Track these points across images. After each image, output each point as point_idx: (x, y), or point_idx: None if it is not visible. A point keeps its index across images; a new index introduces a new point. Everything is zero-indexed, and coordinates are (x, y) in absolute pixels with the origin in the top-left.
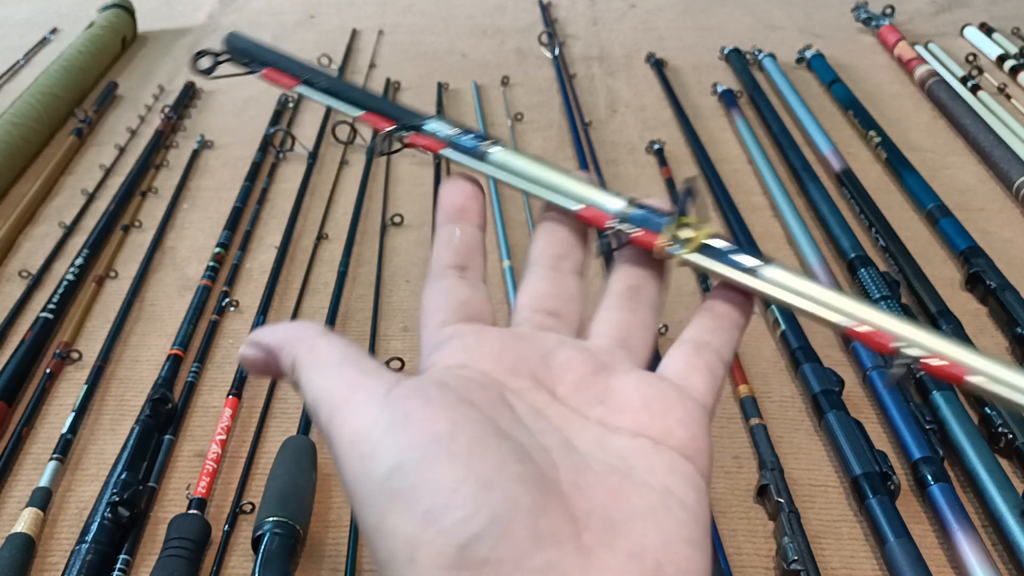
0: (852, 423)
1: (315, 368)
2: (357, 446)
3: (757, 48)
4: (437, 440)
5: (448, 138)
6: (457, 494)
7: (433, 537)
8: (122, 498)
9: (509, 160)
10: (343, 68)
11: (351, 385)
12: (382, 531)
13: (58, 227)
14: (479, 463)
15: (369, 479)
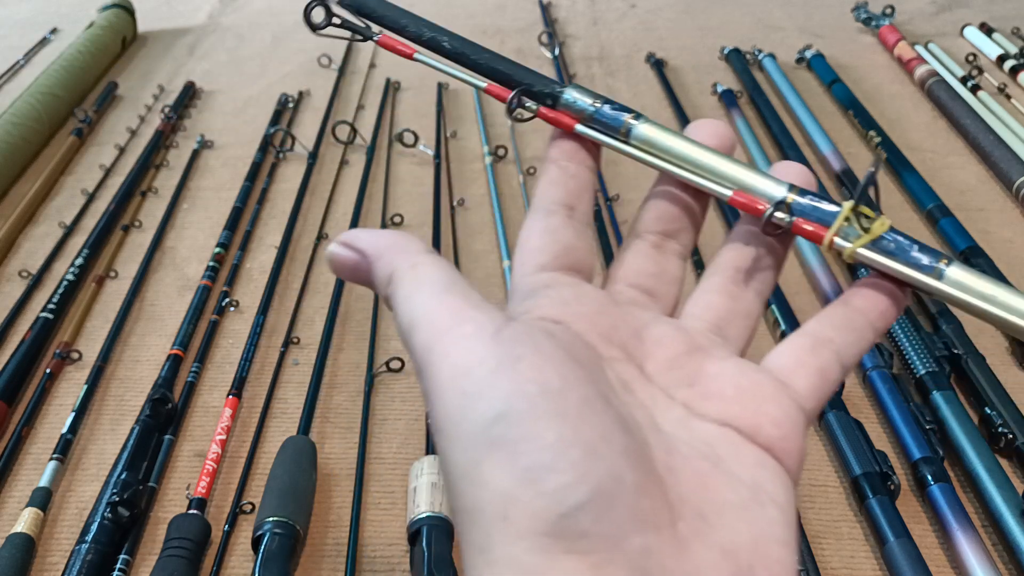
0: (852, 423)
1: (417, 287)
2: (459, 382)
3: (757, 48)
4: (547, 394)
5: (586, 110)
6: (562, 457)
7: (532, 498)
8: (122, 498)
9: (655, 136)
10: (343, 68)
11: (457, 315)
12: (474, 479)
13: (58, 227)
14: (587, 427)
15: (468, 421)
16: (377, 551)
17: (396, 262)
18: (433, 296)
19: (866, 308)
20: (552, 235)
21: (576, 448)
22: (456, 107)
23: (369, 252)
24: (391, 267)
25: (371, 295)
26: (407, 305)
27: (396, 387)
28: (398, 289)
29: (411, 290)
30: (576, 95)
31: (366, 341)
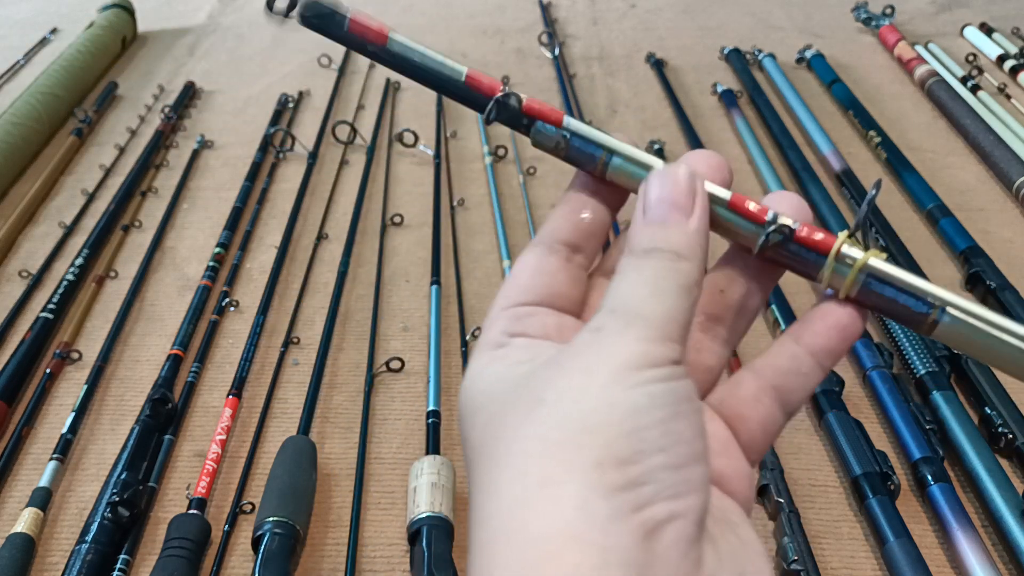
0: (852, 423)
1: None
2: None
3: (757, 48)
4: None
5: (561, 140)
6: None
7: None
8: (122, 498)
9: (631, 168)
10: (343, 68)
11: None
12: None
13: (58, 227)
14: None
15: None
16: (377, 551)
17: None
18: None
19: (816, 347)
20: (544, 278)
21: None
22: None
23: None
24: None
25: (371, 295)
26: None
27: (396, 387)
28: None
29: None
30: (549, 126)
31: (366, 341)
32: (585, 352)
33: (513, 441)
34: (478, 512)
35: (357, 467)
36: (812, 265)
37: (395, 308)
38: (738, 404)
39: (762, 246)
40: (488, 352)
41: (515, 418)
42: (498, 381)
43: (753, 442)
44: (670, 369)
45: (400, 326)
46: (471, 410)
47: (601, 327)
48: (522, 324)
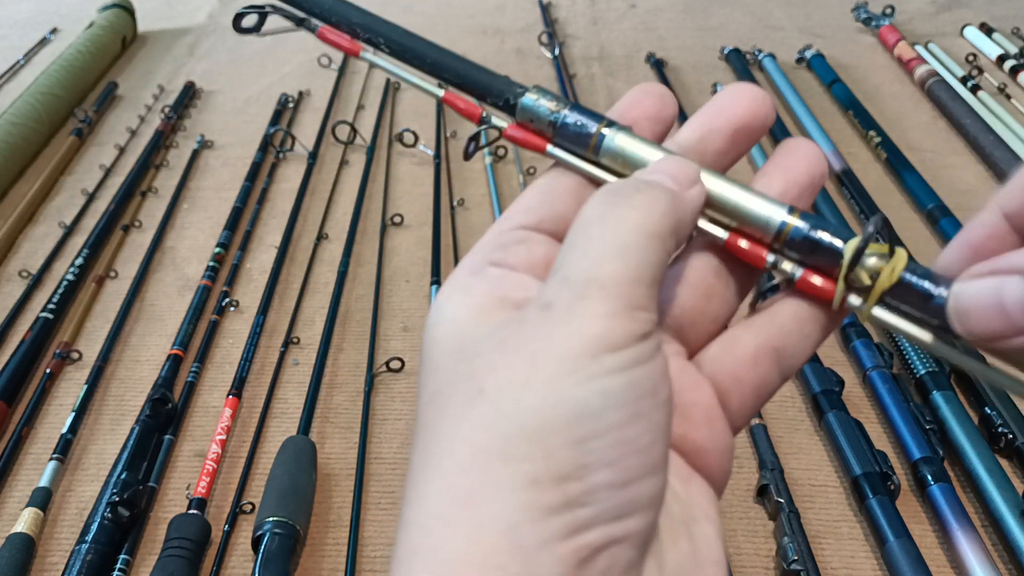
0: (852, 423)
1: None
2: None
3: (757, 48)
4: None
5: (546, 118)
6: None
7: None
8: (122, 498)
9: (632, 150)
10: (343, 68)
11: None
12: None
13: (58, 227)
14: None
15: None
16: (377, 551)
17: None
18: None
19: (822, 307)
20: (552, 198)
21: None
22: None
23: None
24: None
25: (371, 295)
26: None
27: (396, 387)
28: None
29: None
30: (537, 99)
31: (366, 341)
32: (531, 335)
33: (446, 439)
34: (403, 512)
35: (357, 467)
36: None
37: (395, 308)
38: (734, 364)
39: (757, 297)
40: (461, 278)
41: (453, 408)
42: (451, 335)
43: (744, 407)
44: (634, 350)
45: (400, 326)
46: (427, 363)
47: (550, 303)
48: (508, 251)
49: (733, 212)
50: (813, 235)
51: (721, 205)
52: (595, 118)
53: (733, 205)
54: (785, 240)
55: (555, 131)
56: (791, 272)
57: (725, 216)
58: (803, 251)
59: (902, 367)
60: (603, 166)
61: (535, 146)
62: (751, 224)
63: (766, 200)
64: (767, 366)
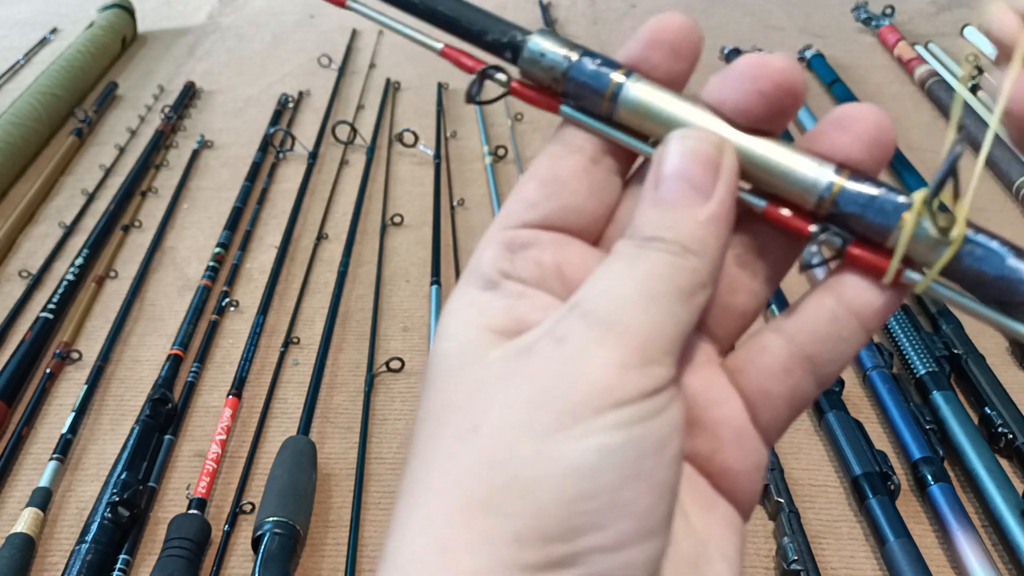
0: (852, 423)
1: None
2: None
3: (757, 48)
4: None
5: (558, 66)
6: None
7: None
8: (122, 498)
9: (653, 103)
10: (343, 68)
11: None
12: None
13: (58, 227)
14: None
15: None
16: (377, 551)
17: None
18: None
19: (861, 304)
20: (556, 187)
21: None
22: (456, 107)
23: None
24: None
25: (371, 295)
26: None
27: (396, 387)
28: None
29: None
30: (545, 45)
31: (366, 341)
32: (538, 371)
33: (435, 477)
34: (386, 543)
35: (357, 467)
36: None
37: (395, 308)
38: (761, 376)
39: (806, 263)
40: (472, 291)
41: (447, 439)
42: (457, 353)
43: (776, 420)
44: (642, 405)
45: (400, 326)
46: (430, 376)
47: (564, 337)
48: (515, 260)
49: (769, 174)
50: (867, 195)
51: (754, 167)
52: (611, 65)
53: (770, 165)
54: (832, 204)
55: (566, 82)
56: (838, 242)
57: (759, 180)
58: (853, 217)
59: (902, 367)
60: (619, 125)
61: (545, 104)
62: (792, 187)
63: (808, 157)
64: (799, 376)
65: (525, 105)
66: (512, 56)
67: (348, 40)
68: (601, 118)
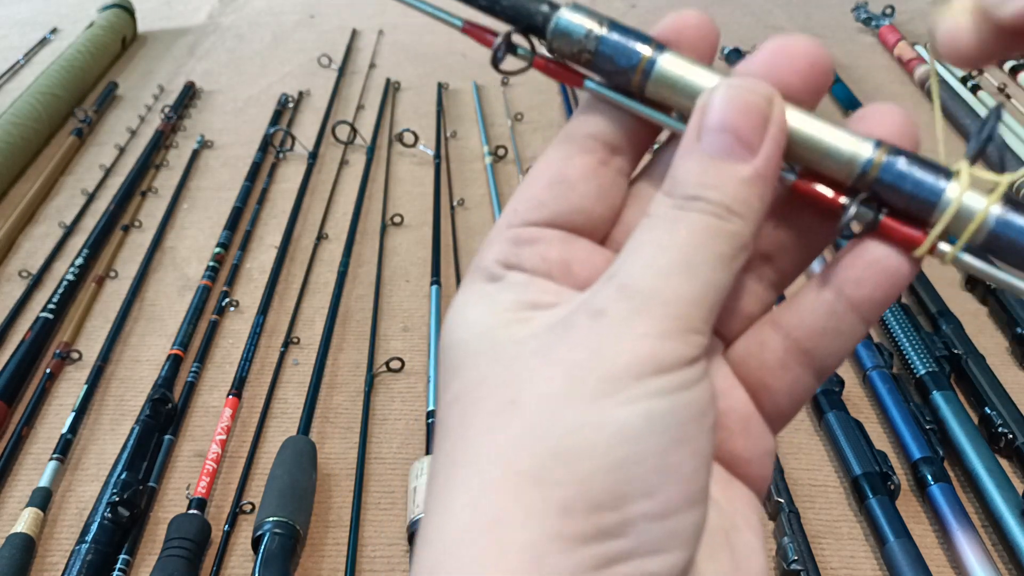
0: (852, 423)
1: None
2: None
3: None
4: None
5: (586, 37)
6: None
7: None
8: (122, 498)
9: (684, 76)
10: (343, 68)
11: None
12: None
13: (58, 227)
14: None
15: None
16: (377, 551)
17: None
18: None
19: (860, 298)
20: (564, 188)
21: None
22: (456, 107)
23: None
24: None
25: (371, 295)
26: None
27: (396, 387)
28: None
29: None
30: (575, 17)
31: (366, 341)
32: (577, 344)
33: (475, 452)
34: (424, 525)
35: (357, 467)
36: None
37: (395, 308)
38: (761, 371)
39: (840, 238)
40: (478, 284)
41: (482, 417)
42: (478, 338)
43: (779, 413)
44: (683, 373)
45: (400, 326)
46: (447, 366)
47: (603, 310)
48: (520, 253)
49: (811, 149)
50: (908, 173)
51: (795, 141)
52: (643, 39)
53: (809, 139)
54: (872, 182)
55: (596, 55)
56: (871, 216)
57: (799, 155)
58: (893, 192)
59: (902, 367)
60: (648, 100)
61: (570, 79)
62: (834, 162)
63: (848, 132)
64: (797, 371)
65: (525, 105)
66: (540, 29)
67: (348, 40)
68: (627, 93)
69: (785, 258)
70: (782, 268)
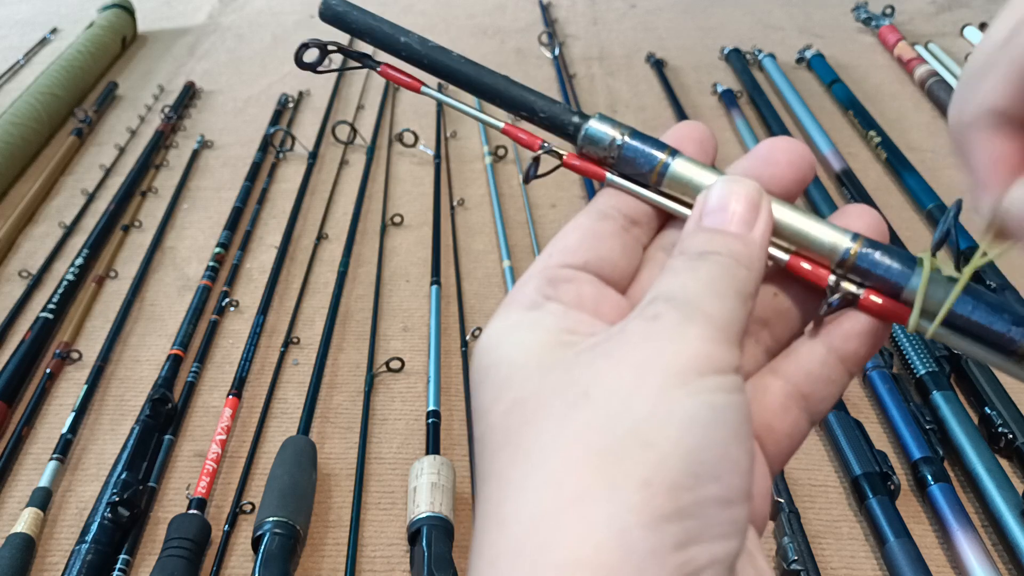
0: (852, 423)
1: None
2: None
3: (757, 48)
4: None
5: (611, 142)
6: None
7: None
8: (122, 498)
9: (693, 176)
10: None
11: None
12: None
13: (58, 227)
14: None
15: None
16: (377, 551)
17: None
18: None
19: (846, 352)
20: (595, 241)
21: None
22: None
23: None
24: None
25: (371, 295)
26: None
27: (396, 387)
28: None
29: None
30: (600, 127)
31: (366, 341)
32: (640, 344)
33: (550, 439)
34: (495, 510)
35: (357, 467)
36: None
37: (395, 308)
38: (764, 413)
39: (824, 313)
40: (517, 312)
41: (553, 410)
42: (528, 353)
43: (779, 454)
44: (734, 378)
45: (400, 326)
46: (494, 381)
47: (659, 315)
48: (557, 289)
49: (797, 239)
50: (880, 261)
51: (786, 233)
52: (659, 146)
53: (797, 232)
54: (851, 267)
55: (620, 159)
56: (854, 291)
57: (788, 243)
58: (867, 275)
59: (902, 367)
60: (663, 192)
61: (594, 174)
62: (815, 251)
63: (830, 227)
64: (796, 414)
65: None
66: (572, 136)
67: (348, 41)
68: (639, 183)
69: (780, 324)
70: (777, 334)
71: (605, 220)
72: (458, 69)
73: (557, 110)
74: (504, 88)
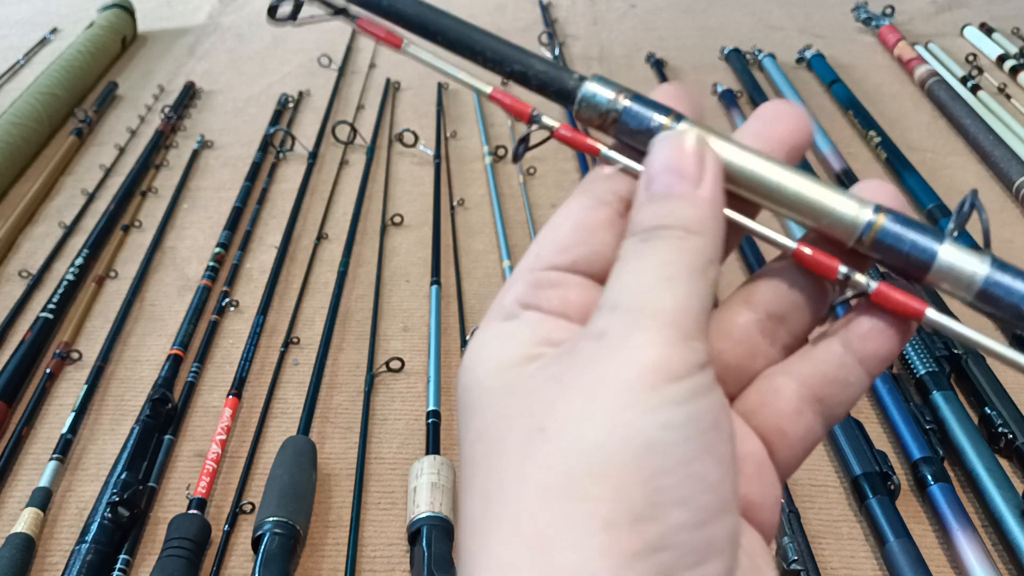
0: (852, 423)
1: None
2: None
3: (757, 48)
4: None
5: (609, 109)
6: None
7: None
8: (122, 498)
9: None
10: (343, 68)
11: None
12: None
13: (58, 227)
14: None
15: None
16: (377, 551)
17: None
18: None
19: (867, 353)
20: (586, 234)
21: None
22: (456, 107)
23: None
24: None
25: (371, 295)
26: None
27: (396, 387)
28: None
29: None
30: (597, 89)
31: (366, 341)
32: (587, 367)
33: (509, 482)
34: (470, 563)
35: (357, 467)
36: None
37: (395, 308)
38: (777, 417)
39: (833, 305)
40: (495, 323)
41: (511, 447)
42: (494, 374)
43: (791, 459)
44: (694, 380)
45: (400, 326)
46: (465, 406)
47: (603, 332)
48: (540, 294)
49: (810, 211)
50: (905, 236)
51: (798, 204)
52: (663, 110)
53: (812, 203)
54: (871, 244)
55: (618, 123)
56: (865, 284)
57: (801, 215)
58: (890, 252)
59: (902, 367)
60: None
61: (588, 148)
62: (831, 224)
63: (849, 197)
64: (810, 417)
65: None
66: (566, 98)
67: (348, 40)
68: (639, 152)
69: (797, 318)
70: (795, 329)
71: (599, 208)
72: (446, 25)
73: (552, 70)
74: (495, 47)
